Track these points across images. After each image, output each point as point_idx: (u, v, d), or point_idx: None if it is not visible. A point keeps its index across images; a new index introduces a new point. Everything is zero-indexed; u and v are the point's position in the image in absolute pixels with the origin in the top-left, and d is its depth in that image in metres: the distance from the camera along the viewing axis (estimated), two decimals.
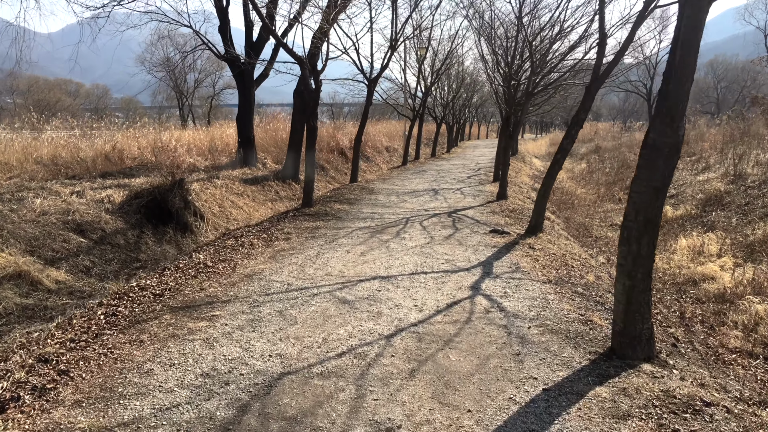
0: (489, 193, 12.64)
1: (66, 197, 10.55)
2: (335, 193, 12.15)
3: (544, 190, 7.61)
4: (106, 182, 12.40)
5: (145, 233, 10.55)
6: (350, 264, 6.34)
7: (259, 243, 7.31)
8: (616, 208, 14.63)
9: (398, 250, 7.09)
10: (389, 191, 12.91)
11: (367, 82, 12.62)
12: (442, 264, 6.40)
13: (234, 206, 13.59)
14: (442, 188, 13.69)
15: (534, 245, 7.23)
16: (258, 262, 6.36)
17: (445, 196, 12.21)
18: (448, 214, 9.93)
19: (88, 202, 10.65)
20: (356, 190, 12.62)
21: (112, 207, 10.83)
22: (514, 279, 5.77)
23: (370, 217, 9.45)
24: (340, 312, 4.74)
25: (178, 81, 41.89)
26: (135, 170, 14.39)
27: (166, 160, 15.50)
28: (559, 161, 7.57)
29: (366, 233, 8.09)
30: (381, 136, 27.01)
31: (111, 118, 20.40)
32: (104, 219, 10.25)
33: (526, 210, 10.62)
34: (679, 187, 14.16)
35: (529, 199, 13.32)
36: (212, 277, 5.76)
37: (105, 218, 10.30)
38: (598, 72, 7.42)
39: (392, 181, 15.28)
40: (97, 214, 10.20)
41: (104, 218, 10.27)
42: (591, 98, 7.47)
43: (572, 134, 7.53)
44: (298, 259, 6.52)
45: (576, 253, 7.63)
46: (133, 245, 10.16)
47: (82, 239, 9.44)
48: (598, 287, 5.97)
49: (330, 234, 7.96)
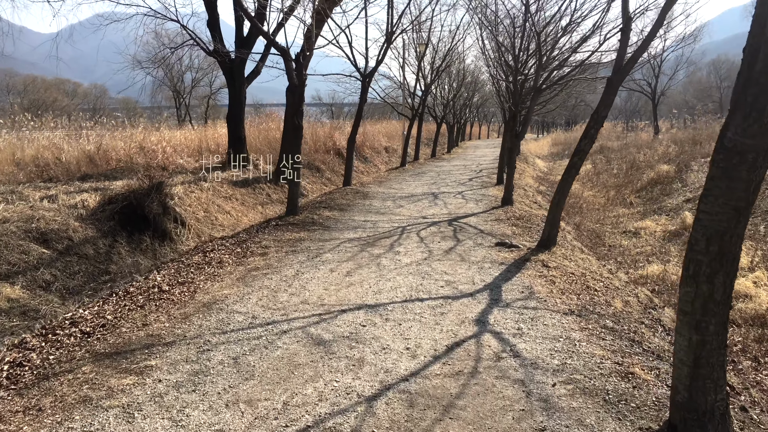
0: (493, 198, 11.57)
1: (34, 202, 9.53)
2: (326, 198, 11.10)
3: (559, 198, 6.54)
4: (84, 185, 11.37)
5: (119, 242, 9.52)
6: (333, 287, 5.29)
7: (230, 260, 6.26)
8: (628, 212, 13.55)
9: (391, 268, 6.04)
10: (385, 195, 11.85)
11: (362, 77, 11.55)
12: (442, 287, 5.34)
13: (221, 211, 12.54)
14: (442, 192, 12.63)
15: (548, 262, 6.16)
16: (223, 285, 5.31)
17: (446, 201, 11.14)
18: (449, 222, 8.87)
19: (59, 208, 9.63)
20: (349, 195, 11.56)
21: (85, 213, 9.81)
22: (528, 309, 4.71)
23: (361, 226, 8.40)
24: (311, 358, 3.69)
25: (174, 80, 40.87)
26: (119, 172, 13.34)
27: (153, 162, 14.51)
28: (576, 165, 6.51)
29: (355, 246, 7.04)
30: (380, 136, 25.97)
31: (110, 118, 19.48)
32: (72, 227, 9.21)
33: (534, 217, 9.55)
34: (695, 191, 13.08)
35: (536, 203, 12.25)
36: (163, 307, 4.71)
37: (73, 226, 9.27)
38: (621, 62, 6.35)
39: (389, 184, 14.22)
40: (64, 221, 9.16)
41: (72, 226, 9.24)
42: (614, 92, 6.41)
43: (591, 134, 6.47)
44: (272, 281, 5.46)
45: (595, 270, 6.56)
46: (104, 256, 9.12)
47: (45, 250, 8.39)
48: (628, 317, 4.91)
49: (314, 248, 6.90)
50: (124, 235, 9.75)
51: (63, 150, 13.31)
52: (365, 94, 11.73)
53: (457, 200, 11.32)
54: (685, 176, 14.33)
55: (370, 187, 13.25)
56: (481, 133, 59.96)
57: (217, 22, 14.72)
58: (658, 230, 11.54)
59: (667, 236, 11.01)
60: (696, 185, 13.44)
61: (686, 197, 12.92)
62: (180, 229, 10.73)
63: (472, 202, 10.97)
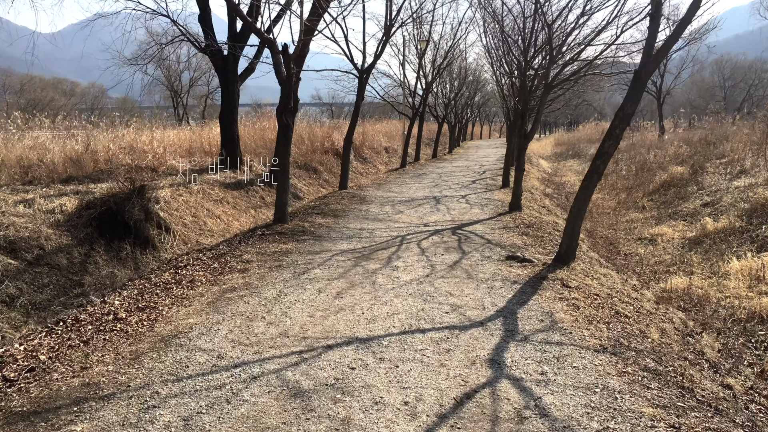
0: (499, 203, 10.74)
1: (6, 207, 8.74)
2: (320, 202, 10.28)
3: (579, 207, 5.72)
4: (67, 188, 10.57)
5: (96, 251, 8.73)
6: (319, 314, 4.48)
7: (203, 278, 5.44)
8: (641, 217, 12.72)
9: (387, 288, 5.22)
10: (383, 200, 11.03)
11: (358, 73, 10.73)
12: (447, 313, 4.53)
13: (210, 215, 11.74)
14: (444, 196, 11.80)
15: (568, 281, 5.34)
16: (191, 311, 4.50)
17: (448, 206, 10.32)
18: (453, 230, 8.05)
19: (34, 213, 8.87)
20: (345, 199, 10.74)
21: (62, 219, 9.04)
22: (551, 344, 3.89)
23: (357, 235, 7.58)
24: (284, 419, 2.88)
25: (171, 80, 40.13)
26: (106, 174, 12.53)
27: (142, 163, 13.72)
28: (599, 169, 5.68)
29: (349, 260, 6.23)
30: (380, 135, 25.19)
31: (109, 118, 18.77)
32: (45, 234, 8.43)
33: (545, 225, 8.73)
34: (713, 194, 12.24)
35: (544, 208, 11.43)
36: (112, 342, 3.90)
37: (46, 233, 8.49)
38: (650, 52, 5.53)
39: (388, 187, 13.40)
40: (36, 228, 8.37)
41: (45, 233, 8.45)
42: (642, 87, 5.59)
43: (616, 134, 5.65)
44: (249, 305, 4.65)
45: (621, 289, 5.73)
46: (78, 266, 8.33)
47: (12, 260, 7.61)
48: (669, 352, 4.10)
49: (302, 262, 6.08)
50: (102, 243, 8.98)
51: (49, 150, 12.56)
52: (362, 91, 10.92)
53: (460, 205, 10.50)
54: (701, 178, 13.49)
55: (368, 191, 12.44)
56: (482, 133, 59.11)
57: (208, 17, 13.92)
58: (676, 237, 10.71)
59: (686, 244, 10.18)
60: (713, 188, 12.59)
61: (704, 201, 12.08)
62: (164, 235, 9.96)
63: (477, 208, 10.15)
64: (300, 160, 17.43)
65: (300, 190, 15.45)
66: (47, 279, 7.60)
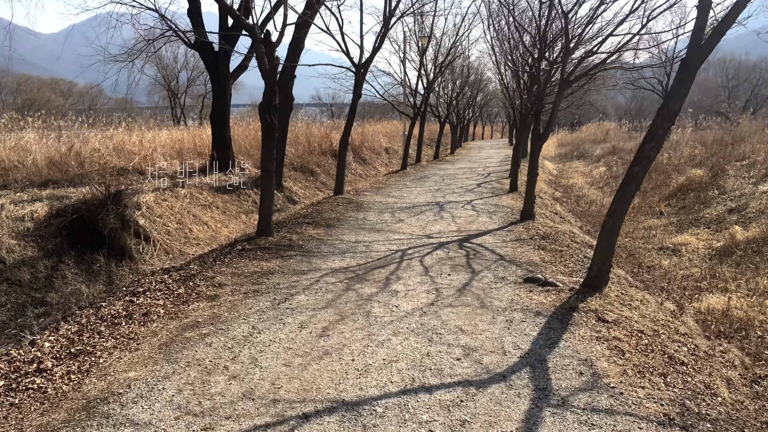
0: (508, 210, 9.76)
1: None
2: (313, 210, 9.30)
3: (614, 221, 4.73)
4: (43, 192, 9.63)
5: (65, 263, 7.83)
6: (298, 361, 3.51)
7: (163, 309, 4.47)
8: (660, 223, 11.72)
9: (385, 321, 4.25)
10: (382, 206, 10.04)
11: (355, 68, 9.75)
12: (458, 361, 3.55)
13: (197, 221, 10.76)
14: (448, 201, 10.82)
15: (604, 313, 4.36)
16: (136, 358, 3.53)
17: (453, 214, 9.34)
18: (459, 243, 7.08)
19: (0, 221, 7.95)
20: (341, 206, 9.75)
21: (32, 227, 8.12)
22: (599, 413, 2.91)
23: (351, 249, 6.60)
24: None
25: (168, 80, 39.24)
26: (90, 177, 11.56)
27: (129, 165, 12.79)
28: (638, 176, 4.69)
29: (340, 282, 5.26)
30: (380, 136, 24.25)
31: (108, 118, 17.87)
32: (7, 245, 7.54)
33: (562, 236, 7.74)
34: (737, 199, 11.25)
35: (557, 214, 10.44)
36: (20, 408, 2.93)
37: (9, 244, 7.59)
38: (700, 36, 4.56)
39: (388, 191, 12.42)
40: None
41: (8, 245, 7.56)
42: (691, 77, 4.61)
43: (659, 135, 4.66)
44: (211, 348, 3.68)
45: (665, 321, 4.74)
46: (43, 281, 7.42)
47: None
48: (746, 418, 3.13)
49: (285, 285, 5.11)
50: (72, 255, 8.05)
51: (30, 152, 11.62)
52: (359, 88, 9.94)
53: (466, 212, 9.51)
54: (722, 182, 12.49)
55: (366, 196, 11.45)
56: (484, 133, 58.09)
57: (198, 11, 12.94)
58: (701, 247, 9.72)
59: (713, 255, 9.19)
60: (737, 193, 11.59)
61: (728, 207, 11.09)
62: (143, 245, 9.00)
63: (484, 215, 9.16)
64: (296, 161, 16.46)
65: (295, 194, 14.48)
66: (4, 297, 6.67)
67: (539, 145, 8.31)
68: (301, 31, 11.39)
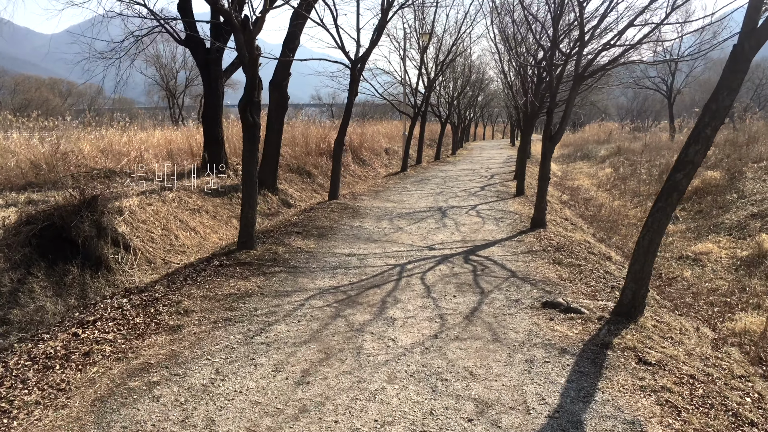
0: (516, 216, 8.95)
1: None
2: (305, 217, 8.50)
3: (651, 238, 3.93)
4: (20, 197, 8.87)
5: (34, 275, 7.09)
6: (266, 425, 2.72)
7: (112, 343, 3.68)
8: (676, 230, 10.91)
9: (378, 361, 3.46)
10: (380, 212, 9.25)
11: (350, 64, 8.95)
12: (469, 423, 2.76)
13: (184, 227, 9.98)
14: (451, 206, 10.01)
15: (644, 351, 3.56)
16: (58, 421, 2.74)
17: (457, 221, 8.54)
18: (465, 255, 6.28)
19: None
20: (335, 212, 8.96)
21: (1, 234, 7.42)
22: None
23: (343, 264, 5.81)
24: None
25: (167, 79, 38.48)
26: (74, 179, 10.79)
27: (117, 166, 12.03)
28: (681, 185, 3.90)
29: (328, 306, 4.47)
30: (380, 136, 23.49)
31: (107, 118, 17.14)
32: None
33: (577, 247, 6.95)
34: (759, 203, 10.44)
35: (567, 221, 9.64)
36: None
37: None
38: (755, 17, 3.77)
39: (386, 195, 11.62)
40: None
41: None
42: (745, 66, 3.81)
43: (706, 135, 3.87)
44: (158, 405, 2.89)
45: (717, 360, 3.93)
46: (7, 296, 6.70)
47: None
48: None
49: (262, 312, 4.32)
50: (42, 266, 7.29)
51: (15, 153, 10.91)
52: (355, 85, 9.14)
53: (471, 219, 8.71)
54: (741, 185, 11.69)
55: (363, 200, 10.65)
56: (485, 133, 57.26)
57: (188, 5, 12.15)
58: (724, 256, 8.92)
59: (739, 265, 8.39)
60: (758, 197, 10.78)
61: (750, 212, 10.28)
62: (122, 254, 8.23)
63: (491, 222, 8.36)
64: (293, 163, 15.67)
65: (291, 196, 13.70)
66: None
67: (551, 147, 7.51)
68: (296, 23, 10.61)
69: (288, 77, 12.12)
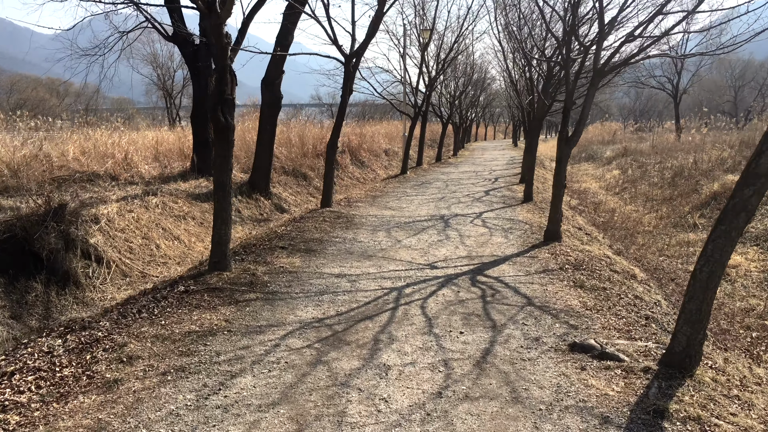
0: (526, 226, 8.09)
1: None
2: (293, 228, 7.63)
3: (711, 270, 3.07)
4: None
5: None
6: None
7: (21, 410, 2.84)
8: (696, 238, 10.04)
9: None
10: (377, 222, 8.39)
11: (344, 59, 8.10)
12: None
13: (167, 235, 9.16)
14: (454, 214, 9.15)
15: (710, 423, 2.71)
16: None
17: (461, 231, 7.68)
18: (471, 276, 5.43)
19: None
20: (327, 222, 8.10)
21: None
22: None
23: (331, 288, 4.96)
24: None
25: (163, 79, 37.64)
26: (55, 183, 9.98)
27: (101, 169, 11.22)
28: (750, 204, 3.05)
29: (308, 348, 3.63)
30: (380, 137, 22.65)
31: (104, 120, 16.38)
32: None
33: (597, 264, 6.09)
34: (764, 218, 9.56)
35: (581, 230, 8.77)
36: None
37: None
38: None
39: (384, 201, 10.77)
40: None
41: None
42: None
43: None
44: None
45: None
46: None
47: None
48: None
49: (226, 357, 3.48)
50: (1, 283, 6.52)
51: None
52: (350, 82, 8.28)
53: (476, 229, 7.85)
54: None
55: (359, 207, 9.80)
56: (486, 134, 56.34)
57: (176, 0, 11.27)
58: (753, 270, 8.07)
59: None
60: None
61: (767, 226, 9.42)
62: (94, 267, 7.42)
63: (499, 234, 7.49)
64: (288, 165, 14.82)
65: (285, 201, 12.86)
66: None
67: (567, 150, 6.66)
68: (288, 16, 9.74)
69: (281, 75, 11.28)
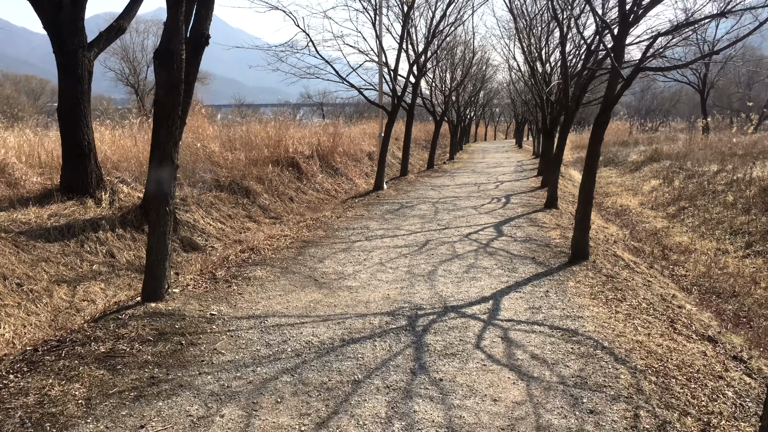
0: (606, 351, 3.31)
1: None
2: None
3: None
4: None
5: None
6: None
7: None
8: None
9: None
10: (258, 344, 3.62)
11: None
12: None
13: None
14: (442, 299, 4.38)
15: None
16: None
17: (454, 378, 2.93)
18: None
19: None
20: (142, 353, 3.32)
21: None
22: None
23: None
24: None
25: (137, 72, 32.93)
26: None
27: None
28: None
29: None
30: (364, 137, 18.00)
31: None
32: None
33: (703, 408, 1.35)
34: None
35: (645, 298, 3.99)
36: None
37: None
38: None
39: (318, 254, 5.97)
40: None
41: None
42: None
43: None
44: None
45: None
46: None
47: None
48: None
49: None
50: None
51: None
52: None
53: (491, 375, 3.09)
54: None
55: (250, 284, 5.01)
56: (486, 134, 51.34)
57: None
58: None
59: None
60: None
61: None
62: None
63: (560, 397, 2.74)
64: (224, 177, 9.99)
65: (203, 232, 8.02)
66: None
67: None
68: None
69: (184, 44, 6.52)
